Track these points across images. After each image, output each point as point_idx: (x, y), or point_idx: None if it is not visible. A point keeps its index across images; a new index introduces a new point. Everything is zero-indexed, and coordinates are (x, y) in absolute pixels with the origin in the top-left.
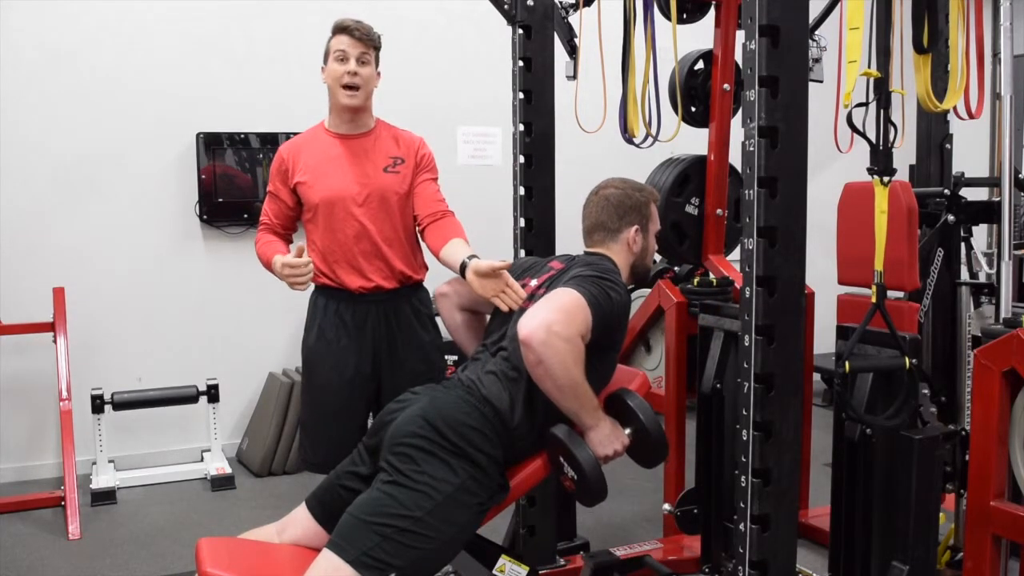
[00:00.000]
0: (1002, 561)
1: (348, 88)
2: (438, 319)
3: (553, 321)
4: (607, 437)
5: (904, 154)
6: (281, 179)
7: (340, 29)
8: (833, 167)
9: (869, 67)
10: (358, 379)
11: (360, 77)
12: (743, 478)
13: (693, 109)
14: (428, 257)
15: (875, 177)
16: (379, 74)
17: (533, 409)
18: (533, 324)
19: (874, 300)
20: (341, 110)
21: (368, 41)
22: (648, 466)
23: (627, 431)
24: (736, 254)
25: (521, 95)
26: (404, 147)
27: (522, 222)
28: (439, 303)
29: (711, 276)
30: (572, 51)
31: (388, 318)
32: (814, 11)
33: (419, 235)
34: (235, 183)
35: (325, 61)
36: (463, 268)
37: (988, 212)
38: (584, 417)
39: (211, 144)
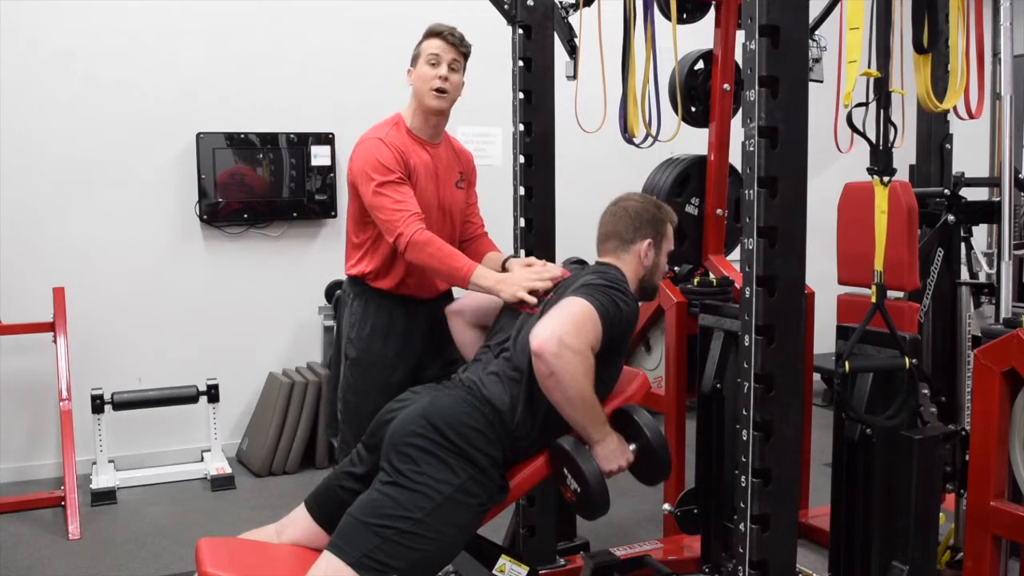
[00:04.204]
0: (1002, 561)
1: (438, 92)
2: None
3: (565, 333)
4: (612, 452)
5: (904, 154)
6: (404, 170)
7: (434, 33)
8: (833, 167)
9: (869, 67)
10: (409, 370)
11: (450, 83)
12: (743, 478)
13: (693, 109)
14: None
15: (875, 177)
16: (463, 83)
17: (534, 410)
18: (545, 335)
19: (874, 300)
20: (428, 113)
21: (461, 48)
22: (649, 483)
23: (632, 447)
24: (736, 254)
25: (521, 95)
26: (464, 163)
27: (522, 222)
28: (451, 321)
29: (711, 276)
30: (572, 51)
31: (432, 315)
32: (814, 11)
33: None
34: (235, 183)
35: (414, 64)
36: (505, 262)
37: (988, 212)
38: (591, 431)
39: (211, 144)
